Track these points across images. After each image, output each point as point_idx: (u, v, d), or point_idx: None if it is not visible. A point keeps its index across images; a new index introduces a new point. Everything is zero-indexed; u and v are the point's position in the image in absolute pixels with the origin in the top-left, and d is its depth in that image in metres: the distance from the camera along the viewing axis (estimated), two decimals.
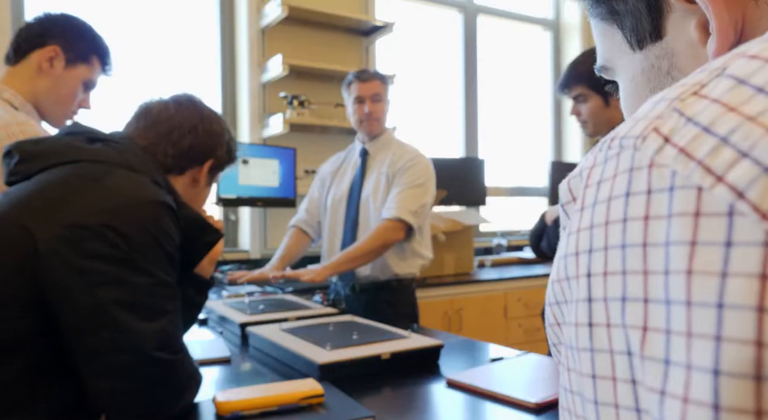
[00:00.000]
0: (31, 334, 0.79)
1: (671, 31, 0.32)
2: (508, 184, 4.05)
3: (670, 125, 0.19)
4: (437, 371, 1.22)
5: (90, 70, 1.44)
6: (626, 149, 0.20)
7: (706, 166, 0.17)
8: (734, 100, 0.18)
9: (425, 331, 1.67)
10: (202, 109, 1.10)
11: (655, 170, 0.18)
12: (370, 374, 1.16)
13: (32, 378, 0.80)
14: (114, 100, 2.59)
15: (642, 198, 0.18)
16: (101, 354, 0.79)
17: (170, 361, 0.84)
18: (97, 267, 0.79)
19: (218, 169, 1.15)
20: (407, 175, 2.02)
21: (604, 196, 0.20)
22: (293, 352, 1.21)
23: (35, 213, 0.81)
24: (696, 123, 0.18)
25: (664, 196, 0.17)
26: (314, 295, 2.01)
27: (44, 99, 1.40)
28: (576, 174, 0.24)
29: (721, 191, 0.16)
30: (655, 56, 0.34)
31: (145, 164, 0.96)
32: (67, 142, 0.93)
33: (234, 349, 1.45)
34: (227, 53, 3.08)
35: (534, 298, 3.06)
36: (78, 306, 0.78)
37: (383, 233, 1.93)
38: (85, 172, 0.87)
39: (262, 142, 2.99)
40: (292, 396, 0.94)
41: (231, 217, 3.09)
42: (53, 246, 0.78)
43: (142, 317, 0.81)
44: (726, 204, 0.16)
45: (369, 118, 2.07)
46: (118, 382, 0.80)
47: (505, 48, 4.15)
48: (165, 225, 0.87)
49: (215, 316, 1.76)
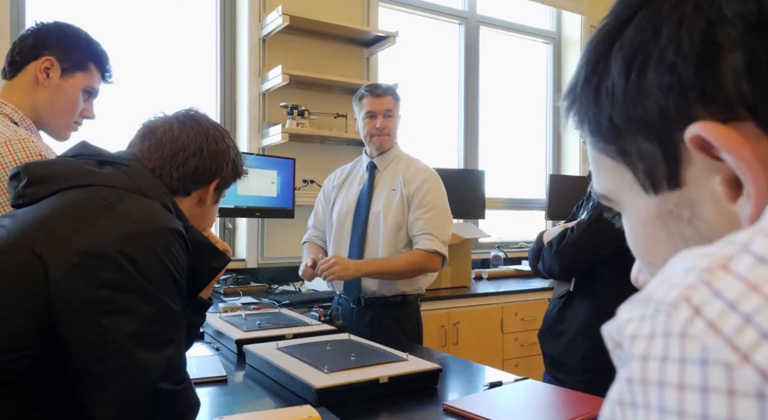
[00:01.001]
0: (43, 363, 0.79)
1: (692, 182, 0.31)
2: (506, 196, 4.06)
3: (700, 297, 0.20)
4: (435, 395, 1.21)
5: (88, 78, 1.42)
6: (660, 313, 0.21)
7: (734, 343, 0.18)
8: (756, 278, 0.19)
9: (426, 351, 1.67)
10: (207, 128, 1.09)
11: (688, 341, 0.20)
12: (367, 398, 1.16)
13: (42, 405, 0.80)
14: (115, 109, 2.59)
15: (676, 366, 0.20)
16: (109, 383, 0.79)
17: (173, 391, 0.84)
18: (107, 296, 0.79)
19: (224, 187, 1.14)
20: (429, 197, 2.04)
21: (639, 352, 0.22)
22: (290, 374, 1.20)
23: (47, 239, 0.80)
24: (723, 298, 0.19)
25: (695, 368, 0.19)
26: (311, 310, 2.00)
27: (44, 111, 1.39)
28: (613, 325, 0.24)
29: (749, 373, 0.18)
30: (675, 204, 0.32)
31: (154, 189, 0.95)
32: (77, 165, 0.92)
33: (230, 366, 1.45)
34: (228, 62, 3.08)
35: (530, 312, 3.06)
36: (87, 334, 0.78)
37: (423, 263, 1.99)
38: (98, 197, 0.86)
39: (261, 151, 2.98)
40: None
41: (228, 226, 3.08)
42: (65, 274, 0.78)
43: (149, 347, 0.81)
44: (755, 385, 0.18)
45: (380, 133, 2.08)
46: (121, 412, 0.80)
47: (505, 60, 4.16)
48: (175, 252, 0.87)
49: (211, 331, 1.75)
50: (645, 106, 0.30)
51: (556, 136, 4.35)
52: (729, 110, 0.28)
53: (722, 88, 0.28)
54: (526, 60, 4.29)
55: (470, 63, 3.92)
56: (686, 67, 0.28)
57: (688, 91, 0.29)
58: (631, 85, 0.31)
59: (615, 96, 0.32)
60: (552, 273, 1.59)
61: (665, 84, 0.29)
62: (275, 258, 3.05)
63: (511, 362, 3.00)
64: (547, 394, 1.19)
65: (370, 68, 3.33)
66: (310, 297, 2.48)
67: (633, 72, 0.31)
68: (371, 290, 2.03)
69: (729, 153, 0.27)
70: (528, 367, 3.05)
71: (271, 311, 2.00)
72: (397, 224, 2.04)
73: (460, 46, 3.91)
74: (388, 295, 2.04)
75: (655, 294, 0.22)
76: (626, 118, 0.32)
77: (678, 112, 0.29)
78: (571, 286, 1.55)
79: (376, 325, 2.01)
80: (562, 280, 1.61)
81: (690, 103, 0.29)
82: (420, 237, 2.00)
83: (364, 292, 2.04)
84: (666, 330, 0.21)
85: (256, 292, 2.65)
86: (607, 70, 0.32)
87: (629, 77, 0.31)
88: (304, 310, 2.10)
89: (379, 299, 2.04)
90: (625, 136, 0.32)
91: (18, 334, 0.77)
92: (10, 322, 0.76)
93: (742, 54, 0.27)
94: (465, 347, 2.81)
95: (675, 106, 0.29)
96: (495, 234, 3.98)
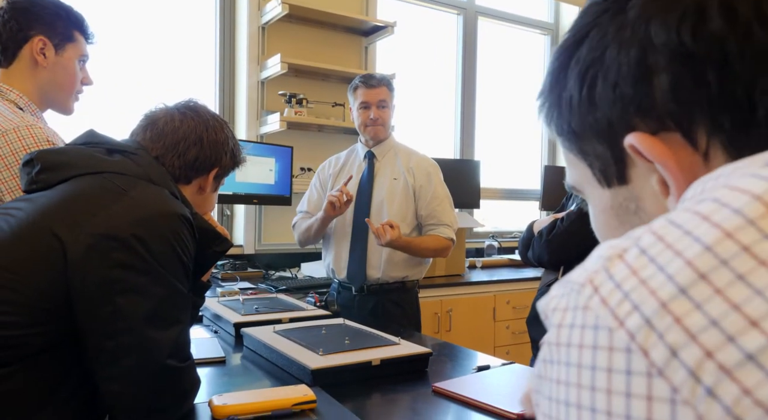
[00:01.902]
0: (58, 339, 0.83)
1: (636, 180, 0.36)
2: (502, 186, 4.10)
3: (599, 279, 0.26)
4: (425, 378, 1.26)
5: (78, 47, 1.45)
6: (573, 292, 0.27)
7: (615, 313, 0.24)
8: (637, 265, 0.25)
9: (422, 337, 1.72)
10: (207, 119, 1.13)
11: (587, 312, 0.26)
12: (360, 379, 1.21)
13: (58, 380, 0.84)
14: (115, 96, 2.61)
15: (578, 330, 0.26)
16: (118, 358, 0.84)
17: (179, 368, 0.89)
18: (121, 276, 0.83)
19: (223, 175, 1.19)
20: (440, 190, 2.16)
21: (556, 321, 0.28)
22: (287, 355, 1.25)
23: (66, 222, 0.84)
24: (614, 280, 0.25)
25: (590, 331, 0.25)
26: (307, 295, 2.05)
27: (50, 90, 1.42)
28: (544, 301, 0.30)
29: (622, 334, 0.24)
30: (623, 197, 0.37)
31: (162, 176, 1.00)
32: (88, 153, 0.97)
33: (228, 348, 1.49)
34: (227, 50, 3.10)
35: (522, 301, 3.11)
36: (101, 311, 0.83)
37: (442, 249, 2.14)
38: (111, 184, 0.91)
39: (260, 139, 3.02)
40: (285, 402, 0.98)
41: (226, 213, 3.12)
42: (82, 254, 0.82)
43: (158, 326, 0.86)
44: (625, 343, 0.23)
45: (374, 124, 2.12)
46: (129, 386, 0.85)
47: (503, 51, 4.18)
48: (184, 237, 0.91)
49: (210, 314, 1.80)
50: (595, 116, 0.36)
51: None
52: (660, 123, 0.33)
53: (654, 103, 0.33)
54: (524, 51, 4.31)
55: (468, 53, 3.94)
56: (626, 85, 0.33)
57: (628, 105, 0.34)
58: (583, 97, 0.36)
59: (572, 105, 0.37)
60: (541, 262, 1.64)
61: (610, 99, 0.34)
62: (272, 244, 3.09)
63: (502, 349, 3.06)
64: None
65: (368, 58, 3.36)
66: (306, 283, 2.53)
67: (585, 86, 0.36)
68: (375, 277, 2.09)
69: (655, 161, 0.33)
70: (519, 354, 3.11)
71: (268, 296, 2.05)
72: (401, 213, 2.10)
73: (457, 37, 3.93)
74: (390, 282, 2.11)
75: (572, 276, 0.28)
76: (581, 124, 0.37)
77: (620, 122, 0.34)
78: (559, 275, 1.61)
79: (380, 310, 2.07)
80: (551, 268, 1.67)
81: (630, 115, 0.34)
82: (438, 226, 2.11)
83: (368, 279, 2.10)
84: (575, 304, 0.27)
85: (253, 278, 2.70)
86: (565, 81, 0.37)
87: (582, 91, 0.36)
88: (300, 296, 2.14)
89: (381, 286, 2.10)
90: (583, 139, 0.37)
91: (37, 310, 0.81)
92: (28, 296, 0.81)
93: (668, 77, 0.32)
94: (458, 334, 2.87)
95: (618, 117, 0.34)
96: (489, 224, 4.03)
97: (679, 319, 0.22)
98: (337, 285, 2.22)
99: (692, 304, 0.22)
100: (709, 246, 0.23)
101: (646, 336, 0.23)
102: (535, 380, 0.29)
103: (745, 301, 0.21)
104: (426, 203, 2.13)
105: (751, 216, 0.23)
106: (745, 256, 0.22)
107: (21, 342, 0.80)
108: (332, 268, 2.19)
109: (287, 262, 3.04)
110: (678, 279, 0.23)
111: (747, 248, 0.22)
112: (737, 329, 0.21)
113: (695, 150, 0.32)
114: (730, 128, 0.31)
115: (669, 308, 0.23)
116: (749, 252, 0.22)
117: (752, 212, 0.23)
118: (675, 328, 0.22)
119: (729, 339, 0.21)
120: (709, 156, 0.32)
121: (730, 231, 0.23)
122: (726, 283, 0.22)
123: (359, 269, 2.10)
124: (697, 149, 0.32)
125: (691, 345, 0.21)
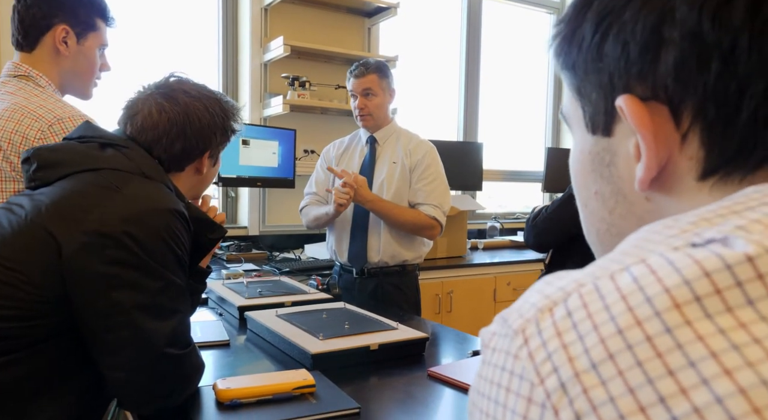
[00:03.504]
0: (59, 329, 0.88)
1: (617, 136, 0.37)
2: (504, 168, 4.11)
3: (530, 332, 0.29)
4: (421, 362, 1.31)
5: (99, 36, 1.47)
6: (507, 337, 0.30)
7: (538, 370, 0.27)
8: (562, 327, 0.28)
9: (421, 321, 1.76)
10: (186, 104, 1.06)
11: (517, 361, 0.29)
12: (359, 363, 1.25)
13: (60, 366, 0.89)
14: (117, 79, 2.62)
15: (507, 374, 0.29)
16: (119, 349, 0.88)
17: (179, 355, 0.93)
18: (116, 272, 0.87)
19: (218, 152, 1.17)
20: (431, 170, 2.16)
21: (487, 358, 0.31)
22: (288, 340, 1.30)
23: (60, 220, 0.88)
24: (541, 337, 0.28)
25: (516, 379, 0.28)
26: (310, 278, 2.09)
27: (70, 78, 1.45)
28: (485, 331, 0.33)
29: (540, 390, 0.27)
30: (602, 148, 0.38)
31: (155, 169, 1.02)
32: (82, 150, 0.99)
33: (232, 331, 1.54)
34: (230, 31, 3.10)
35: (523, 282, 3.15)
36: (98, 307, 0.86)
37: (423, 225, 2.11)
38: (105, 181, 0.93)
39: (263, 122, 3.04)
40: (286, 386, 1.03)
41: (231, 195, 3.16)
42: (76, 252, 0.86)
43: (155, 317, 0.90)
44: (542, 399, 0.27)
45: (360, 113, 2.15)
46: (133, 374, 0.89)
47: (508, 31, 4.15)
48: (177, 231, 0.94)
49: (215, 297, 1.85)
50: (599, 66, 0.36)
51: (555, 109, 4.37)
52: (653, 92, 0.34)
53: (654, 74, 0.34)
54: (529, 31, 4.27)
55: (472, 34, 3.91)
56: (634, 48, 0.34)
57: (631, 66, 0.35)
58: (593, 44, 0.37)
59: (582, 47, 0.38)
60: (528, 244, 1.74)
61: (617, 55, 0.35)
62: (276, 226, 3.13)
63: None
64: None
65: (371, 39, 3.35)
66: (310, 265, 2.57)
67: (598, 34, 0.36)
68: (375, 260, 2.13)
69: (635, 127, 0.34)
70: None
71: (272, 279, 2.10)
72: (399, 194, 2.14)
73: (462, 17, 3.90)
74: (391, 265, 2.15)
75: (509, 318, 0.31)
76: (585, 68, 0.38)
77: (619, 79, 0.35)
78: (546, 259, 1.68)
79: (380, 293, 2.12)
80: (537, 251, 1.76)
81: (630, 76, 0.35)
82: (423, 205, 2.12)
83: (368, 263, 2.14)
84: (507, 349, 0.30)
85: (257, 259, 2.74)
86: (583, 20, 0.37)
87: (594, 37, 0.37)
88: (303, 278, 2.19)
89: (382, 268, 2.15)
90: (584, 81, 0.38)
91: (35, 303, 0.85)
92: (27, 292, 0.85)
93: (675, 53, 0.33)
94: (458, 316, 2.92)
95: (618, 74, 0.35)
96: (492, 205, 4.05)
97: (587, 390, 0.25)
98: (339, 267, 2.27)
99: (599, 380, 0.25)
100: (621, 329, 0.26)
101: (559, 398, 0.26)
102: (471, 395, 0.32)
103: (639, 386, 0.24)
104: (414, 182, 2.15)
105: (659, 308, 0.25)
106: (647, 345, 0.25)
107: (22, 333, 0.85)
108: (334, 250, 2.24)
109: (291, 243, 3.09)
110: (591, 354, 0.26)
111: (650, 338, 0.25)
112: (629, 410, 0.24)
113: (677, 128, 0.34)
114: (713, 119, 0.32)
115: (580, 378, 0.26)
116: (651, 342, 0.25)
117: (661, 304, 0.25)
118: (582, 398, 0.25)
119: (620, 417, 0.24)
120: (687, 139, 0.33)
121: (640, 320, 0.26)
122: (627, 366, 0.25)
123: (360, 252, 2.14)
124: (679, 128, 0.34)
125: (592, 415, 0.25)
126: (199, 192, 1.22)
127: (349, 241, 2.18)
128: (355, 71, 2.14)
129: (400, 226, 2.11)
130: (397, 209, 2.09)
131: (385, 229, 2.12)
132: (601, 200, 0.40)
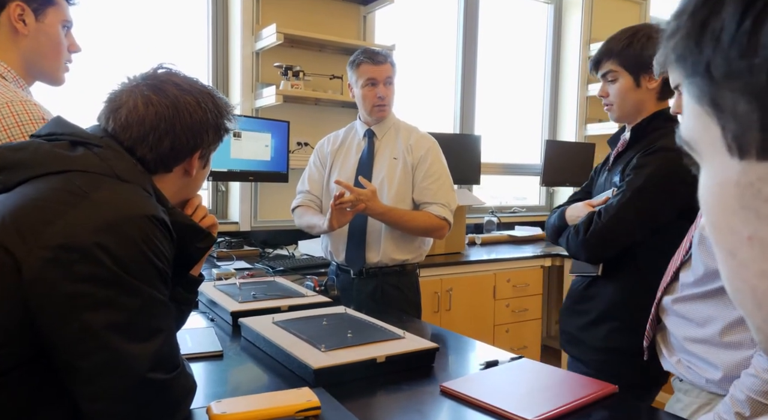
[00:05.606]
0: (24, 359, 0.77)
1: None
2: (502, 161, 4.03)
3: None
4: (432, 374, 1.22)
5: (60, 11, 1.34)
6: None
7: None
8: None
9: (421, 325, 1.67)
10: (176, 96, 0.96)
11: None
12: (364, 377, 1.16)
13: (30, 400, 0.78)
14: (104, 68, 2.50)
15: None
16: (96, 377, 0.77)
17: (165, 380, 0.83)
18: (86, 290, 0.75)
19: (209, 153, 1.06)
20: (436, 167, 2.06)
21: None
22: (287, 352, 1.20)
23: (18, 233, 0.76)
24: None
25: None
26: (306, 279, 1.99)
27: (35, 60, 1.32)
28: None
29: None
30: (758, 177, 0.28)
31: (130, 171, 0.89)
32: (48, 150, 0.87)
33: (225, 338, 1.44)
34: (220, 18, 2.97)
35: (522, 279, 3.08)
36: (68, 331, 0.75)
37: (433, 227, 2.01)
38: (71, 185, 0.81)
39: (255, 113, 2.92)
40: (288, 409, 0.93)
41: (221, 189, 3.04)
42: (39, 270, 0.74)
43: (134, 339, 0.79)
44: None
45: (382, 103, 2.03)
46: (113, 405, 0.78)
47: (505, 22, 4.05)
48: (156, 240, 0.83)
49: (206, 300, 1.74)
50: (753, 62, 0.25)
51: (553, 102, 4.29)
52: None
53: None
54: (526, 21, 4.17)
55: (469, 24, 3.81)
56: None
57: None
58: (741, 33, 0.26)
59: (720, 40, 0.27)
60: (578, 258, 1.57)
61: None
62: (269, 221, 3.03)
63: (502, 328, 3.04)
64: (543, 374, 1.20)
65: (366, 28, 3.23)
66: (304, 263, 2.47)
67: (748, 18, 0.26)
68: (374, 261, 2.03)
69: None
70: (519, 334, 3.10)
71: (266, 279, 1.99)
72: (400, 193, 2.03)
73: (459, 6, 3.80)
74: (389, 265, 2.05)
75: None
76: (727, 69, 0.27)
77: None
78: (599, 271, 1.53)
79: (379, 294, 2.02)
80: (592, 262, 1.58)
81: None
82: (432, 205, 2.02)
83: (367, 263, 2.04)
84: None
85: (249, 257, 2.64)
86: (720, 5, 0.27)
87: (742, 23, 0.26)
88: (298, 278, 2.09)
89: (380, 269, 2.05)
90: (722, 88, 0.27)
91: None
92: None
93: None
94: (457, 314, 2.84)
95: None
96: (489, 199, 3.97)
97: None
98: (336, 267, 2.16)
99: None
100: None
101: None
102: None
103: None
104: (419, 181, 2.05)
105: None
106: None
107: None
108: (330, 251, 2.13)
109: (284, 239, 2.98)
110: None
111: None
112: None
113: None
114: None
115: None
116: None
117: None
118: None
119: None
120: None
121: None
122: None
123: (358, 253, 2.04)
124: None
125: None
126: (186, 196, 1.09)
127: (346, 241, 2.07)
128: (378, 57, 2.01)
129: (412, 232, 2.02)
130: (408, 215, 1.99)
131: (384, 233, 2.02)
132: (758, 248, 0.29)
